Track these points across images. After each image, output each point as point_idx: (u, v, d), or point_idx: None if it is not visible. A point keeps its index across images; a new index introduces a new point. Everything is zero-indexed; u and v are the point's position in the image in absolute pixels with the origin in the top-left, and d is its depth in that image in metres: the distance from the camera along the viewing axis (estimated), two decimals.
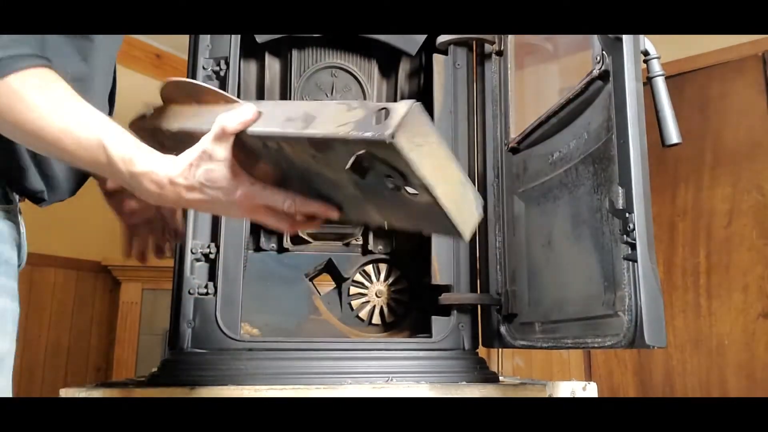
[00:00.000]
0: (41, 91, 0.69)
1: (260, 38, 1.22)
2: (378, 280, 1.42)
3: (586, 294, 0.94)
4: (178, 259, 1.13)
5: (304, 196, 0.72)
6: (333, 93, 1.30)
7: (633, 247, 0.77)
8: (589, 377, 2.73)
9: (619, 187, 0.81)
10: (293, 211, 0.72)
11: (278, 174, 0.73)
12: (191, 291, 1.10)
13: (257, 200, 0.71)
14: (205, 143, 0.69)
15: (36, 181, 0.85)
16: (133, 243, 1.01)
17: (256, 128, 0.68)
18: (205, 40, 1.20)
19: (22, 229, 0.88)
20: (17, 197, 0.87)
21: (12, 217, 0.84)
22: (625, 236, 0.79)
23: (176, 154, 0.71)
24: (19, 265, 0.90)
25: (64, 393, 0.96)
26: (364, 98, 1.32)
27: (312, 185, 0.71)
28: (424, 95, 1.36)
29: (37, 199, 0.91)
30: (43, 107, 0.69)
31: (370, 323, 1.40)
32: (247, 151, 0.70)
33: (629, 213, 0.78)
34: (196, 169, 0.70)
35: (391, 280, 1.42)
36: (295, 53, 1.29)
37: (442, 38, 1.27)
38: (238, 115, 0.68)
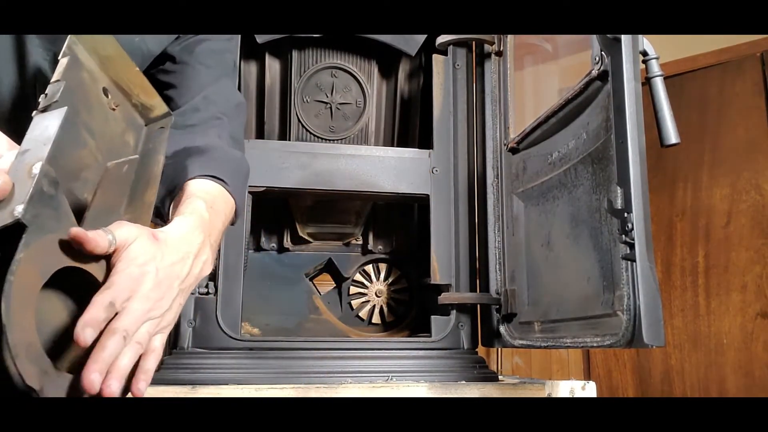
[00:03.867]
0: None
1: (260, 38, 1.23)
2: (378, 279, 1.43)
3: (584, 293, 0.95)
4: None
5: None
6: (333, 93, 1.31)
7: (631, 246, 0.78)
8: (588, 376, 2.73)
9: (618, 187, 0.81)
10: None
11: None
12: (192, 290, 1.11)
13: None
14: None
15: None
16: None
17: None
18: None
19: None
20: None
21: None
22: (623, 236, 0.79)
23: None
24: None
25: None
26: (364, 98, 1.32)
27: None
28: (423, 95, 1.37)
29: None
30: None
31: (370, 323, 1.41)
32: None
33: (628, 213, 0.79)
34: None
35: (390, 279, 1.43)
36: (295, 53, 1.29)
37: (441, 38, 1.28)
38: None
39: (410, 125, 1.40)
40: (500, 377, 1.22)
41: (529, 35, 1.33)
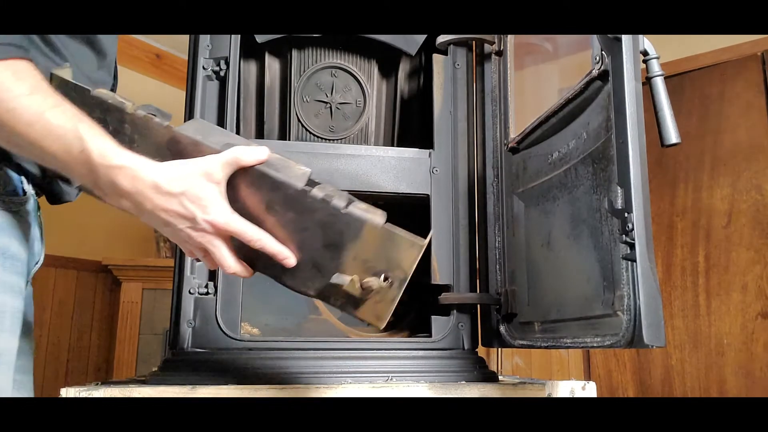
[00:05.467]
0: (17, 77, 0.69)
1: (260, 38, 1.23)
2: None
3: (585, 294, 0.95)
4: (178, 258, 1.13)
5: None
6: (333, 93, 1.31)
7: (632, 246, 0.78)
8: (588, 377, 2.73)
9: (618, 187, 0.81)
10: (258, 247, 0.73)
11: (258, 212, 0.75)
12: (191, 290, 1.11)
13: (229, 227, 0.71)
14: (211, 162, 0.71)
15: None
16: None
17: (266, 168, 0.73)
18: (205, 40, 1.20)
19: (35, 227, 0.88)
20: (33, 193, 0.86)
21: (24, 212, 0.84)
22: (624, 236, 0.79)
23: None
24: (36, 263, 0.90)
25: (65, 393, 0.96)
26: (364, 98, 1.32)
27: (283, 231, 0.75)
28: (423, 95, 1.36)
29: (54, 196, 0.91)
30: (16, 91, 0.68)
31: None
32: (236, 185, 0.73)
33: (628, 213, 0.78)
34: (187, 181, 0.69)
35: None
36: (295, 53, 1.29)
37: (441, 38, 1.28)
38: (255, 152, 0.72)
39: (410, 125, 1.40)
40: (500, 377, 1.22)
41: (529, 35, 1.33)
